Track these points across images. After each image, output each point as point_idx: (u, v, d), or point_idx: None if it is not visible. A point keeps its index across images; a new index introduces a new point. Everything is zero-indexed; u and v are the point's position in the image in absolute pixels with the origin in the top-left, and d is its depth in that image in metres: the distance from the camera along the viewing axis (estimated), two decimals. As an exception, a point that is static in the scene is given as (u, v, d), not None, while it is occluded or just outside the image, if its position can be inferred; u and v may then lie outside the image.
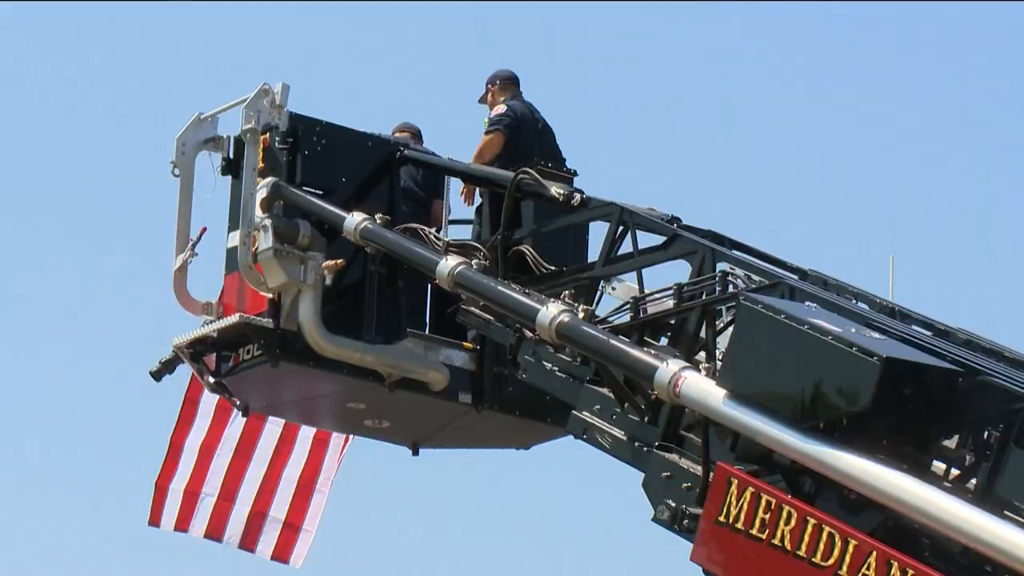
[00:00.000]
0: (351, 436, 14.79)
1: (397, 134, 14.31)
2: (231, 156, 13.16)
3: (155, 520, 15.19)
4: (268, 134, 12.88)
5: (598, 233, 12.55)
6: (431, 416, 13.68)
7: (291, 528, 15.04)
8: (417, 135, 14.59)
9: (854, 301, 11.08)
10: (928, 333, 10.59)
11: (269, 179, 12.85)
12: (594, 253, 12.72)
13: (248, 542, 15.14)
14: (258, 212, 12.73)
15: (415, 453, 13.96)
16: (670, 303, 11.21)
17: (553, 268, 12.45)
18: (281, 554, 15.23)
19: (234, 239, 12.80)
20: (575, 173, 13.55)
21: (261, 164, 12.82)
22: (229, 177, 13.22)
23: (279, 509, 15.17)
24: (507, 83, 14.33)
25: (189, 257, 13.22)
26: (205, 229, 13.38)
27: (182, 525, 15.19)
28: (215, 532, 15.18)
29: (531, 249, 12.57)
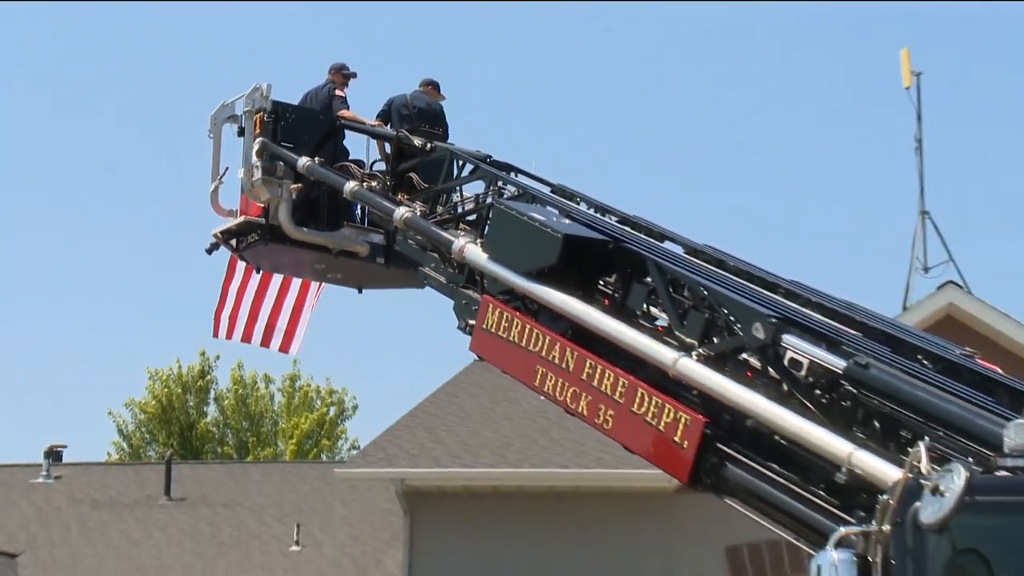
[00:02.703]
0: (321, 284, 20.57)
1: (333, 77, 19.84)
2: (242, 126, 18.71)
3: (215, 333, 21.44)
4: (261, 113, 18.40)
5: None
6: (363, 271, 19.08)
7: (289, 334, 21.06)
8: (350, 75, 20.05)
9: (577, 202, 16.22)
10: (613, 220, 15.47)
11: (260, 139, 18.18)
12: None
13: (265, 341, 21.09)
14: (254, 158, 18.10)
15: (360, 292, 19.76)
16: (470, 205, 16.71)
17: (425, 186, 17.67)
18: (284, 347, 21.15)
19: (241, 174, 18.46)
20: (445, 135, 18.84)
21: (257, 130, 18.36)
22: (240, 138, 18.58)
23: (283, 322, 20.97)
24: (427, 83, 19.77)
25: (219, 185, 19.12)
26: (227, 168, 19.06)
27: (229, 335, 21.25)
28: (247, 337, 21.28)
29: (415, 175, 18.33)
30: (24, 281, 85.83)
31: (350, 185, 17.50)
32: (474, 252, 15.24)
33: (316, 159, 17.85)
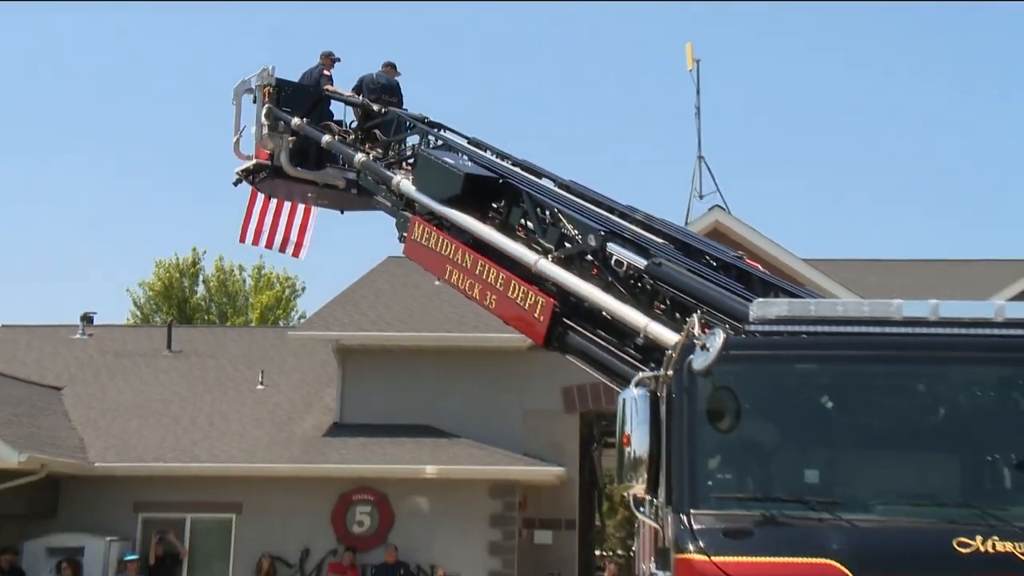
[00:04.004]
0: (316, 207, 20.15)
1: (323, 60, 19.48)
2: (256, 96, 18.80)
3: (242, 240, 20.84)
4: (268, 87, 18.60)
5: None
6: (342, 199, 18.79)
7: (298, 244, 20.57)
8: (335, 59, 19.55)
9: (485, 149, 16.00)
10: (509, 163, 15.29)
11: (267, 105, 18.45)
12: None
13: (281, 247, 20.57)
14: (263, 119, 18.48)
15: (342, 213, 19.41)
16: (408, 152, 16.70)
17: (384, 139, 17.66)
18: (295, 253, 20.65)
19: (254, 130, 18.73)
20: (400, 102, 18.58)
21: (265, 99, 18.59)
22: (254, 105, 18.73)
23: (293, 235, 20.52)
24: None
25: (239, 138, 19.13)
26: (245, 126, 19.07)
27: (255, 242, 20.72)
28: (269, 244, 20.75)
29: (378, 131, 18.04)
30: (81, 186, 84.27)
31: (326, 138, 17.85)
32: (406, 185, 15.58)
33: (305, 120, 18.21)
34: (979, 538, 6.77)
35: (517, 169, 14.89)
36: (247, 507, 23.11)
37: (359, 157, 17.04)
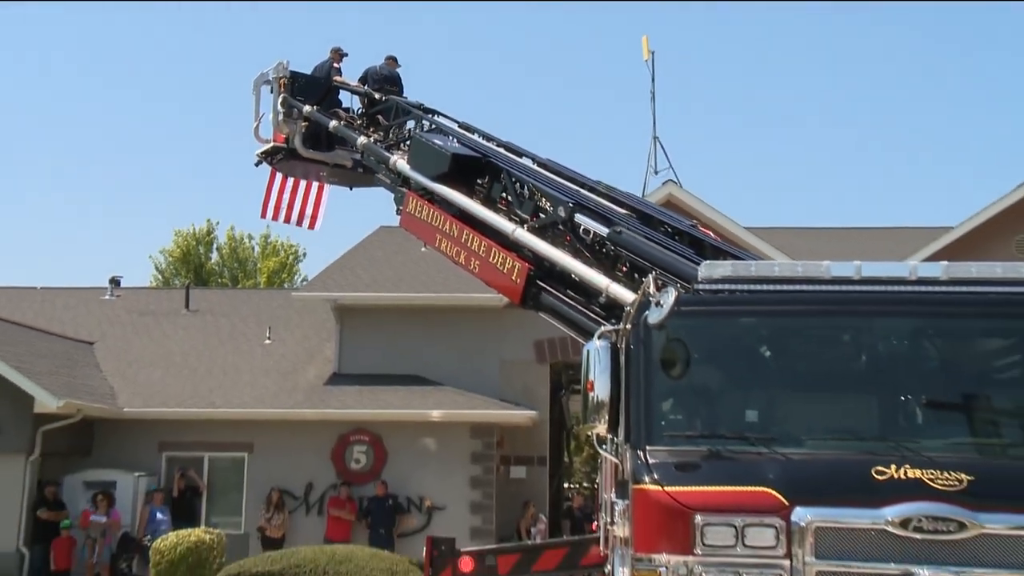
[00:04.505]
0: (327, 184, 19.66)
1: (332, 54, 19.15)
2: (273, 87, 18.68)
3: (263, 215, 20.20)
4: (283, 78, 18.47)
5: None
6: (350, 176, 18.60)
7: (313, 217, 19.96)
8: (343, 54, 19.20)
9: (473, 132, 15.89)
10: (494, 144, 15.10)
11: (283, 95, 18.35)
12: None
13: (298, 221, 19.91)
14: (279, 107, 18.39)
15: (351, 189, 19.21)
16: (405, 135, 16.54)
17: (384, 123, 17.54)
18: (311, 226, 19.98)
19: (271, 116, 18.58)
20: (399, 91, 18.34)
21: (281, 89, 18.45)
22: (272, 94, 18.59)
23: (307, 208, 19.92)
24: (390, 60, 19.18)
25: (258, 124, 18.90)
26: (264, 113, 18.90)
27: (275, 217, 20.02)
28: (287, 218, 20.01)
29: (381, 117, 17.94)
30: (111, 164, 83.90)
31: (333, 123, 17.76)
32: (402, 164, 15.47)
33: (316, 107, 18.18)
34: (893, 467, 6.83)
35: (500, 150, 14.81)
36: (257, 447, 23.14)
37: (361, 140, 16.96)
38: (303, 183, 19.80)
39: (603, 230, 11.10)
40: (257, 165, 19.30)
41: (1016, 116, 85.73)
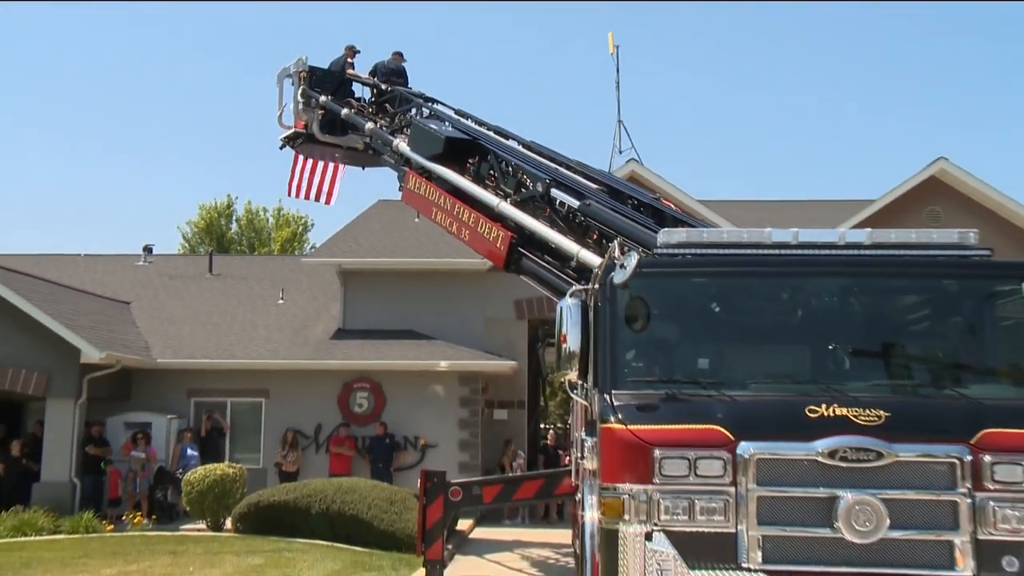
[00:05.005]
0: (342, 165, 19.61)
1: (346, 51, 19.13)
2: (293, 79, 18.79)
3: (289, 193, 20.24)
4: (303, 71, 18.54)
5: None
6: (362, 158, 18.59)
7: (328, 193, 19.83)
8: (356, 51, 19.15)
9: (469, 121, 15.74)
10: (485, 128, 15.11)
11: (302, 86, 18.47)
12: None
13: (316, 197, 19.86)
14: (299, 97, 18.54)
15: (363, 169, 19.40)
16: (407, 121, 16.40)
17: (391, 110, 17.56)
18: (327, 201, 19.98)
19: (292, 106, 18.82)
20: (405, 83, 18.29)
21: (300, 82, 18.59)
22: (292, 87, 18.77)
23: (324, 185, 19.82)
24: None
25: (281, 112, 19.04)
26: (286, 104, 18.98)
27: (296, 195, 19.95)
28: (307, 196, 19.91)
29: (388, 105, 17.74)
30: (148, 147, 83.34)
31: (344, 111, 17.80)
32: (403, 146, 15.55)
33: (330, 98, 18.22)
34: (823, 406, 6.90)
35: (490, 133, 14.81)
36: (273, 393, 23.15)
37: (369, 125, 17.07)
38: (320, 164, 19.67)
39: (575, 203, 11.16)
40: (281, 148, 19.26)
41: (929, 99, 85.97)
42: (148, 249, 32.37)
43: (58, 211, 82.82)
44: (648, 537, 6.64)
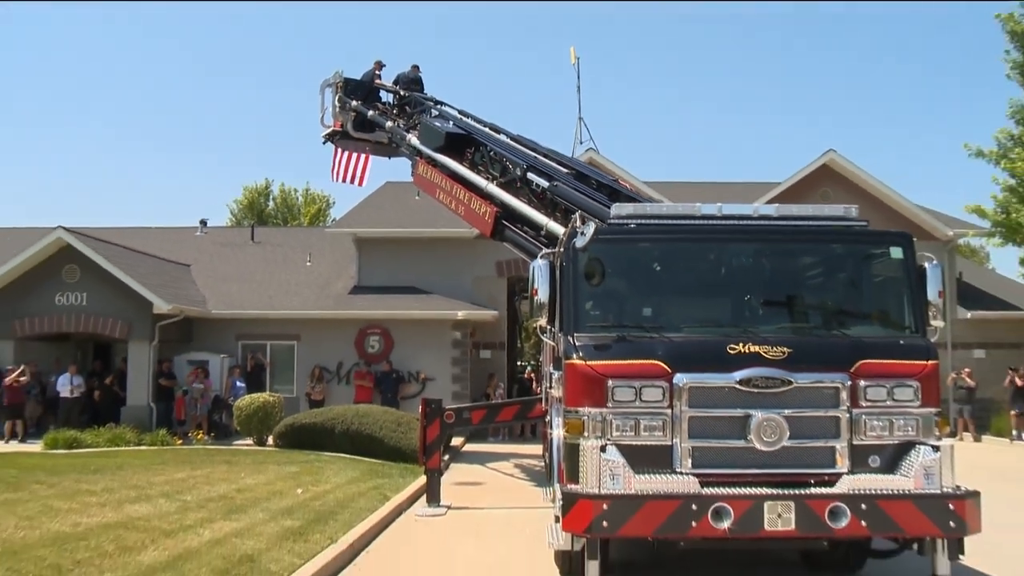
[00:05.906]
0: (371, 155, 19.08)
1: (375, 65, 18.74)
2: (332, 88, 18.69)
3: (333, 179, 19.93)
4: (339, 81, 18.46)
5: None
6: (388, 150, 18.07)
7: (361, 178, 19.27)
8: (382, 65, 18.82)
9: (469, 119, 15.15)
10: (482, 125, 14.62)
11: (339, 94, 18.37)
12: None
13: (351, 180, 19.21)
14: (336, 102, 18.50)
15: (389, 159, 18.78)
16: (420, 118, 15.96)
17: (408, 112, 17.02)
18: (359, 183, 19.35)
19: (331, 109, 18.74)
20: (421, 90, 17.77)
21: (337, 90, 18.48)
22: (331, 94, 18.68)
23: (358, 171, 19.28)
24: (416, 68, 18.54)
25: (323, 114, 18.92)
26: (327, 108, 18.78)
27: (336, 179, 19.31)
28: (343, 179, 19.21)
29: (406, 106, 17.31)
30: (207, 138, 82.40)
31: (370, 113, 17.65)
32: (414, 140, 15.41)
33: (361, 103, 18.12)
34: (741, 344, 6.91)
35: (485, 128, 14.54)
36: (304, 337, 23.08)
37: (388, 124, 16.94)
38: (355, 155, 19.44)
39: (545, 184, 11.13)
40: (324, 143, 19.13)
41: (825, 91, 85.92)
42: (203, 223, 32.07)
43: (136, 192, 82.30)
44: (603, 449, 6.70)
